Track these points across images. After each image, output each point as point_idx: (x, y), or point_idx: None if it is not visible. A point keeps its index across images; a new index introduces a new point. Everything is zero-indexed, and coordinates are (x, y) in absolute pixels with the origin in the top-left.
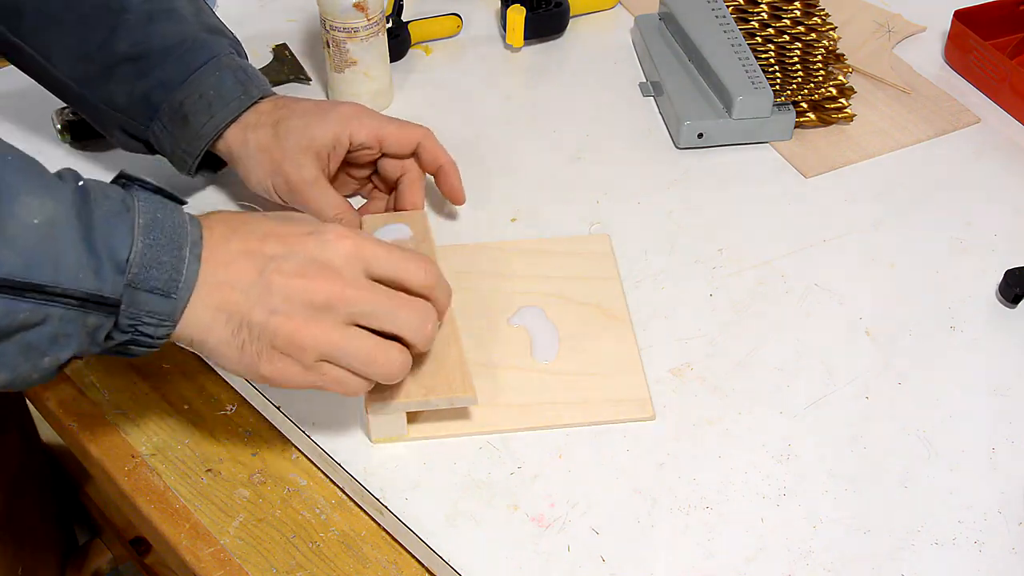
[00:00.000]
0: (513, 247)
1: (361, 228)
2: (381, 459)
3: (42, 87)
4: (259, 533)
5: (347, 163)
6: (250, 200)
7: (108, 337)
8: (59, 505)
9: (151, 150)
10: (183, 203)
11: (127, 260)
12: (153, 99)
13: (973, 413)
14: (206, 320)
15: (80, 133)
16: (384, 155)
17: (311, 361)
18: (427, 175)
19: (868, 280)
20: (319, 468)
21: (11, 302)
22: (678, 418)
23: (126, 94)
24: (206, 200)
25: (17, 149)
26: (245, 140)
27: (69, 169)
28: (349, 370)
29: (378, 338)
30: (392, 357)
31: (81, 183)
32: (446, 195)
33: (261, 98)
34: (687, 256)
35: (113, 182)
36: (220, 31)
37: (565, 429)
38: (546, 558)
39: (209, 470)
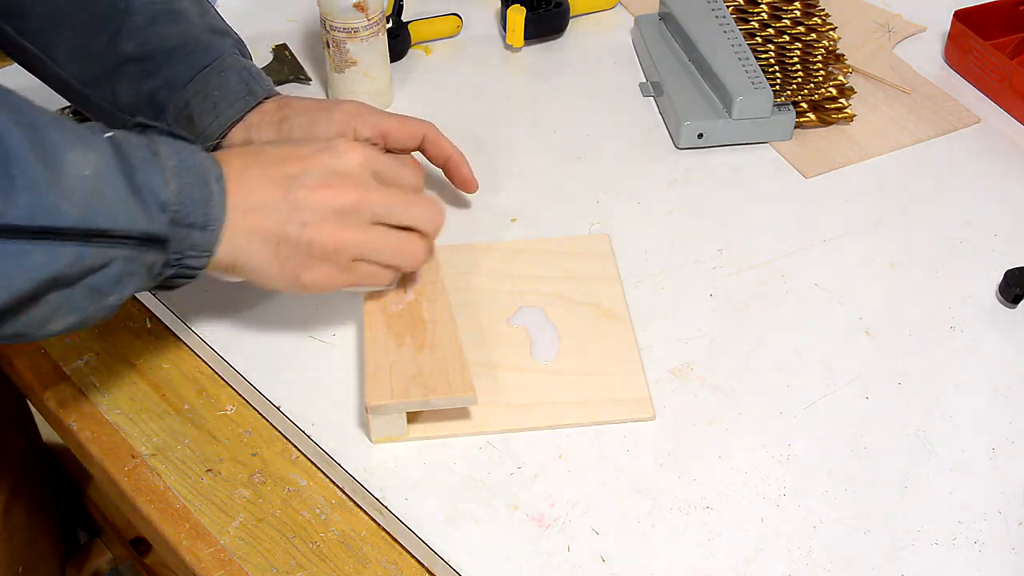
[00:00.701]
0: (513, 247)
1: None
2: (381, 459)
3: (46, 87)
4: (259, 533)
5: None
6: None
7: (159, 272)
8: (59, 505)
9: None
10: (195, 143)
11: (166, 200)
12: (158, 99)
13: (973, 413)
14: (244, 245)
15: None
16: (389, 151)
17: (346, 262)
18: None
19: (868, 280)
20: (319, 468)
21: (79, 248)
22: (678, 418)
23: (131, 94)
24: None
25: (45, 109)
26: (249, 140)
27: (97, 123)
28: (379, 264)
29: (400, 231)
30: (416, 245)
31: (109, 135)
32: (458, 185)
33: (265, 98)
34: (687, 256)
35: (132, 127)
36: (225, 32)
37: (565, 429)
38: (546, 558)
39: (209, 470)
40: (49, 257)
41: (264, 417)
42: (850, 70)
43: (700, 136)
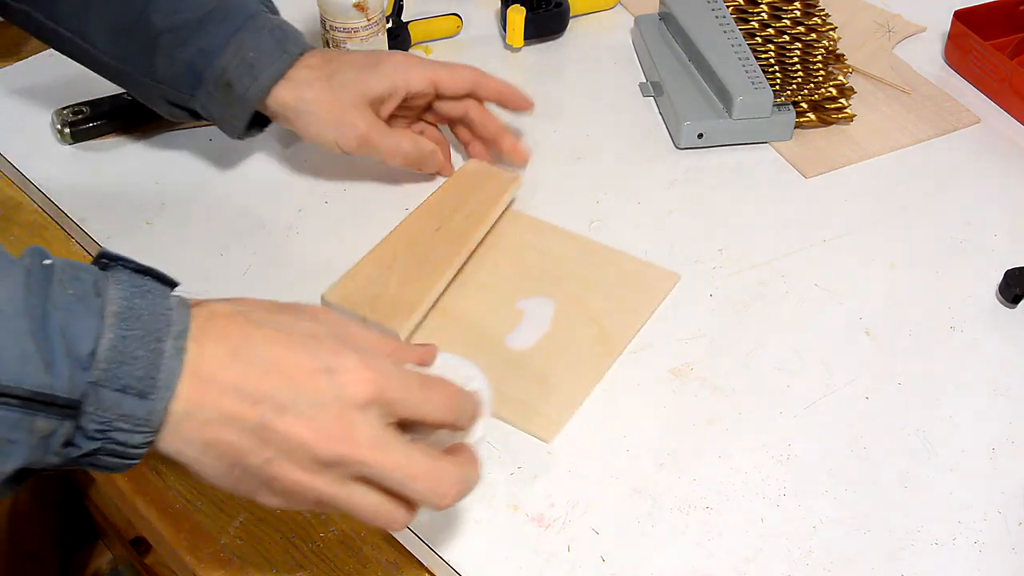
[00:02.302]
0: (587, 245)
1: (449, 168)
2: None
3: (84, 67)
4: (259, 533)
5: (400, 107)
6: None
7: (70, 444)
8: (60, 506)
9: (196, 117)
10: (174, 285)
11: (92, 353)
12: (196, 67)
13: (973, 413)
14: (194, 450)
15: (80, 133)
16: (439, 98)
17: (309, 505)
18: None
19: (868, 280)
20: None
21: None
22: (678, 418)
23: (167, 65)
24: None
25: None
26: (300, 96)
27: (38, 248)
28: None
29: (384, 497)
30: (397, 517)
31: (47, 262)
32: (514, 110)
33: (301, 54)
34: (687, 256)
35: (94, 262)
36: None
37: (566, 429)
38: (546, 558)
39: None
40: None
41: None
42: (850, 70)
43: (700, 136)
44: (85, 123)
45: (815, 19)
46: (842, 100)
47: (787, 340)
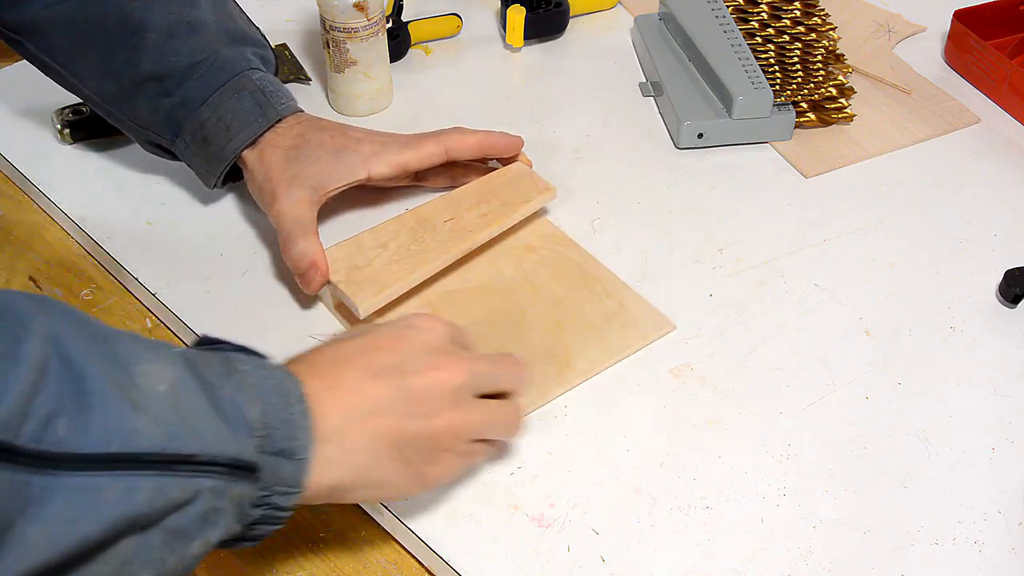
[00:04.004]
0: (595, 269)
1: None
2: None
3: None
4: None
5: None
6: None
7: (246, 513)
8: None
9: (175, 159)
10: (267, 357)
11: (252, 422)
12: (176, 118)
13: (973, 413)
14: (365, 455)
15: (80, 133)
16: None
17: (464, 445)
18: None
19: (868, 280)
20: None
21: (160, 479)
22: (678, 418)
23: (151, 112)
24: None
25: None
26: (260, 156)
27: (158, 340)
28: (487, 440)
29: (498, 400)
30: (517, 412)
31: (178, 350)
32: (506, 159)
33: (279, 120)
34: (687, 256)
35: (197, 345)
36: (243, 38)
37: (566, 430)
38: (546, 558)
39: None
40: (126, 491)
41: None
42: (850, 70)
43: (700, 136)
44: (85, 123)
45: (815, 19)
46: (842, 100)
47: (787, 340)
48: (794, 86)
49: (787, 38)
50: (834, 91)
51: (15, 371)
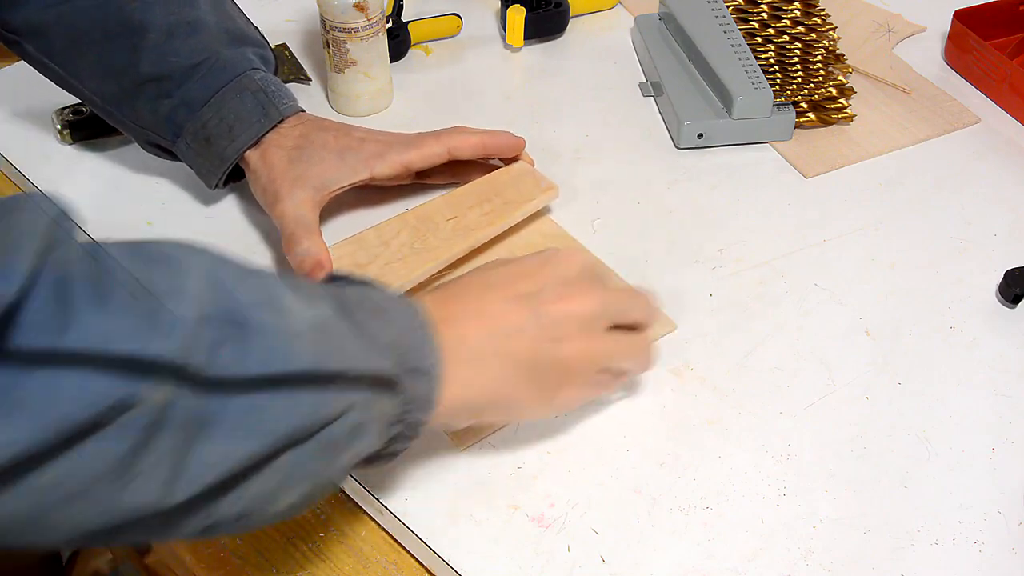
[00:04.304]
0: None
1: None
2: None
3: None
4: (259, 533)
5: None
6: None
7: (387, 428)
8: None
9: (176, 159)
10: (384, 288)
11: (390, 342)
12: (177, 119)
13: (973, 413)
14: (498, 377)
15: (80, 133)
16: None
17: (593, 373)
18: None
19: (868, 280)
20: None
21: (316, 395)
22: (678, 418)
23: (151, 112)
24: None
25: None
26: (262, 157)
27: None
28: (614, 371)
29: (629, 332)
30: (649, 346)
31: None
32: (510, 158)
33: (281, 120)
34: (687, 256)
35: (328, 281)
36: (243, 38)
37: (566, 429)
38: (546, 558)
39: None
40: (285, 409)
41: None
42: (850, 70)
43: (700, 136)
44: (85, 123)
45: (815, 19)
46: (842, 100)
47: (787, 340)
48: (794, 86)
49: (787, 38)
50: (834, 91)
51: (183, 306)
